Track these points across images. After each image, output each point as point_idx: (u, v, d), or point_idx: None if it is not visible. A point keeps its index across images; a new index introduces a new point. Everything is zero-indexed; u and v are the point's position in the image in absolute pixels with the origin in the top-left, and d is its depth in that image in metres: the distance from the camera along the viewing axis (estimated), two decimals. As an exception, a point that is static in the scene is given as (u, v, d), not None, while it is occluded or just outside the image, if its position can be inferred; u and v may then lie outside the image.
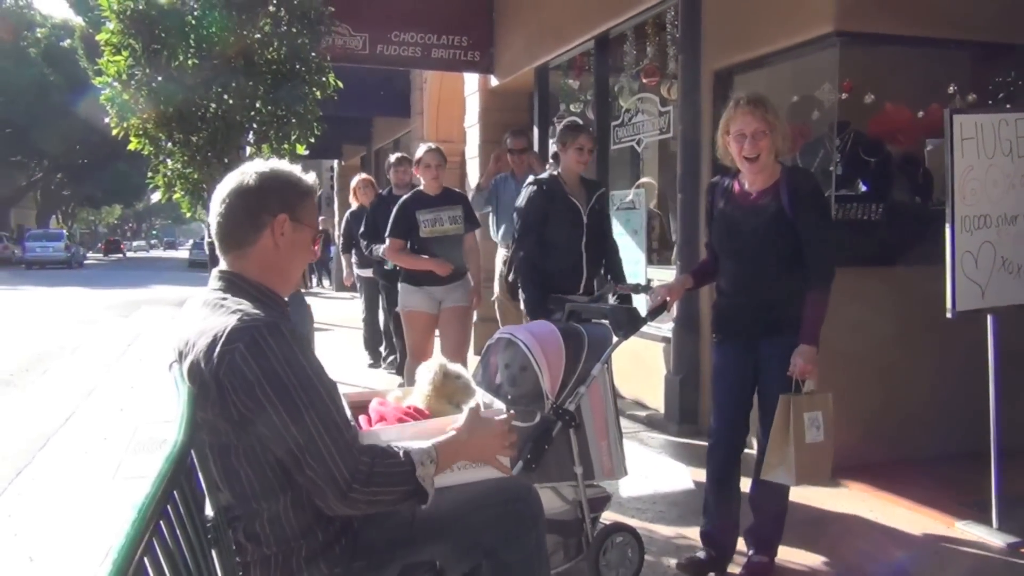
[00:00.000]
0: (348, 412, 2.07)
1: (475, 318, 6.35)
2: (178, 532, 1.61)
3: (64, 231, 44.59)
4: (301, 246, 2.14)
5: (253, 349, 1.86)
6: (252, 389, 1.85)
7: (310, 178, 2.18)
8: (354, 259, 8.71)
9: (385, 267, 6.62)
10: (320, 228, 2.28)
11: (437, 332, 5.87)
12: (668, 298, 3.71)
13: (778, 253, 3.43)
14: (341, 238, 8.45)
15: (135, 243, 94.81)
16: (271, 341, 1.88)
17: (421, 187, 5.80)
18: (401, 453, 1.95)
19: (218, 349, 1.87)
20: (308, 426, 1.85)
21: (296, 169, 2.17)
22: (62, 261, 37.23)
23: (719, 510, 3.65)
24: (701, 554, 3.68)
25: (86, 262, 44.72)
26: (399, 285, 5.82)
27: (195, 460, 1.88)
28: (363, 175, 8.67)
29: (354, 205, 8.67)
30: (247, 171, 2.11)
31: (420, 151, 5.79)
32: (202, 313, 2.02)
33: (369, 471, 1.87)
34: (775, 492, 3.54)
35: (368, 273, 8.19)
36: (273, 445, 1.88)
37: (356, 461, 1.87)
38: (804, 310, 3.37)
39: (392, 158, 7.07)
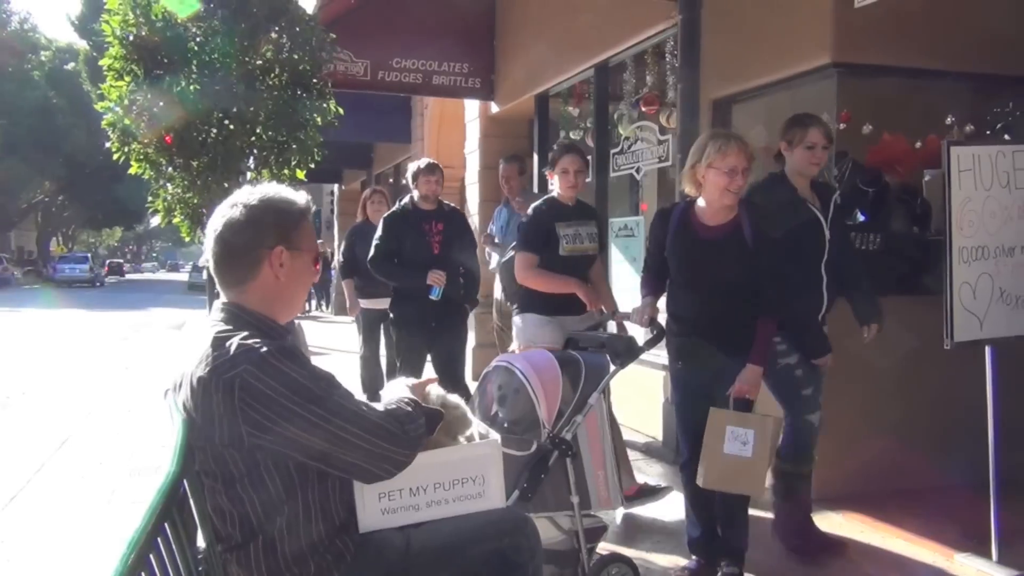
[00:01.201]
0: None
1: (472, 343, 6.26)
2: (168, 567, 1.60)
3: (88, 254, 51.58)
4: (303, 272, 2.13)
5: (262, 366, 1.88)
6: (273, 401, 1.86)
7: (302, 198, 2.15)
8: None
9: (431, 295, 5.54)
10: (319, 251, 2.28)
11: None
12: (653, 316, 3.79)
13: (738, 283, 3.58)
14: (341, 260, 7.28)
15: (145, 264, 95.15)
16: (278, 354, 1.92)
17: (555, 195, 4.71)
18: (405, 404, 2.10)
19: (227, 376, 1.88)
20: (349, 418, 1.94)
21: (287, 192, 2.14)
22: (87, 280, 42.84)
23: (699, 517, 3.83)
24: (692, 564, 3.87)
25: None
26: (520, 316, 4.77)
27: (188, 490, 1.87)
28: (376, 187, 7.53)
29: (359, 220, 7.48)
30: (237, 203, 2.08)
31: (558, 152, 4.72)
32: (203, 344, 2.01)
33: (404, 434, 2.01)
34: (732, 504, 3.70)
35: (374, 304, 7.01)
36: (326, 441, 1.92)
37: (393, 433, 2.00)
38: (756, 334, 3.55)
39: (421, 164, 5.84)
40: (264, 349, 1.91)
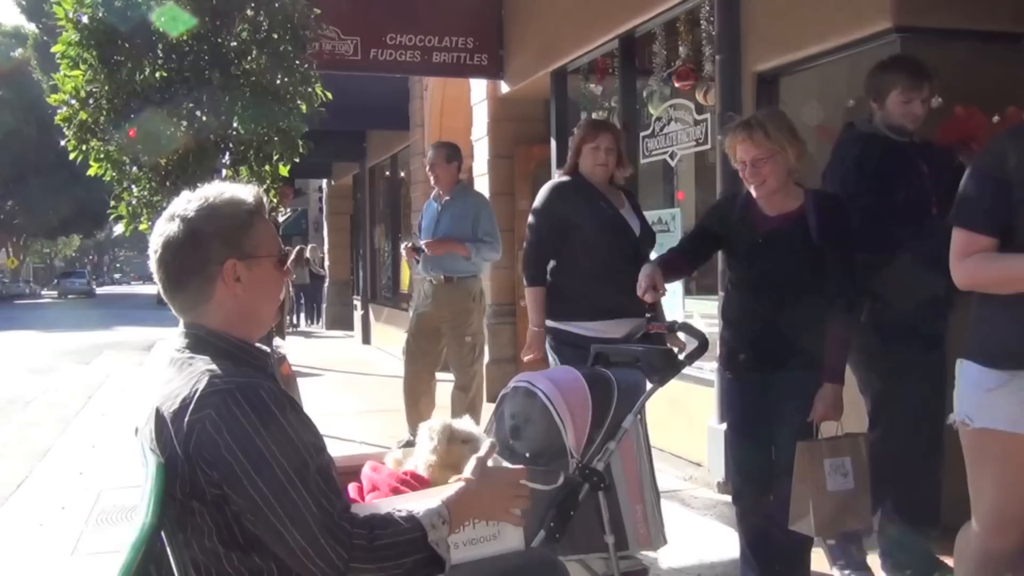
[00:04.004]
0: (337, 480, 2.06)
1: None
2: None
3: (86, 270, 69.72)
4: (265, 282, 2.12)
5: (226, 416, 1.86)
6: (225, 462, 1.84)
7: (250, 194, 2.12)
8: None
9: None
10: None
11: None
12: (658, 289, 3.70)
13: (798, 281, 3.60)
14: (530, 249, 4.69)
15: (116, 276, 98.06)
16: (246, 406, 1.87)
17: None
18: (405, 518, 1.94)
19: (187, 418, 1.87)
20: (294, 501, 1.84)
21: (231, 191, 2.11)
22: (85, 292, 56.07)
23: (756, 558, 3.80)
24: None
25: (42, 300, 52.67)
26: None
27: (167, 543, 1.87)
28: (602, 121, 5.06)
29: (560, 176, 4.77)
30: (174, 215, 2.07)
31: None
32: (168, 374, 2.02)
33: (369, 545, 1.87)
34: (796, 543, 3.68)
35: (605, 329, 4.47)
36: (254, 525, 1.88)
37: (350, 536, 1.87)
38: (827, 345, 3.55)
39: (900, 66, 4.18)
40: (236, 395, 1.88)
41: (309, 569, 1.85)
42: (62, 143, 7.04)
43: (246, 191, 2.12)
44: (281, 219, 23.84)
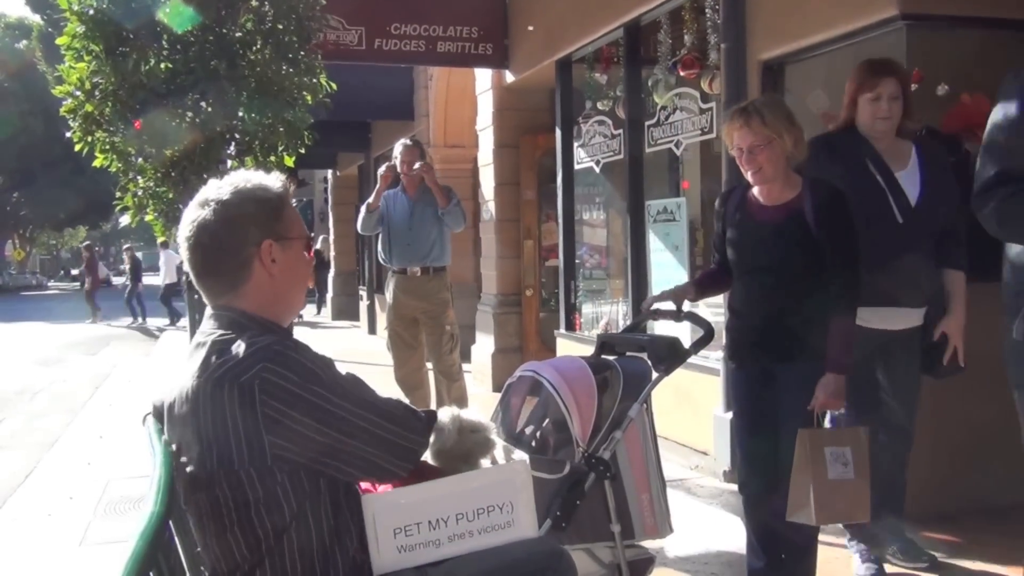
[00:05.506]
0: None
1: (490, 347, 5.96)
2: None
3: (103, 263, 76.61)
4: (297, 263, 2.16)
5: (280, 361, 1.92)
6: (289, 392, 1.91)
7: (277, 182, 2.17)
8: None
9: None
10: (316, 247, 2.32)
11: None
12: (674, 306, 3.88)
13: (799, 272, 3.60)
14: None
15: (122, 267, 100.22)
16: (293, 353, 1.96)
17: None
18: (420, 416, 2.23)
19: (243, 379, 1.90)
20: (360, 403, 2.03)
21: (259, 177, 2.16)
22: (104, 281, 56.07)
23: (763, 546, 3.80)
24: None
25: (49, 291, 52.83)
26: None
27: (174, 532, 1.88)
28: None
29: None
30: (207, 201, 2.09)
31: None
32: (200, 355, 2.02)
33: (416, 419, 2.18)
34: (801, 532, 3.66)
35: (881, 321, 4.02)
36: (311, 444, 1.95)
37: (405, 417, 2.13)
38: (829, 335, 3.53)
39: None
40: (285, 343, 1.97)
41: (402, 448, 2.10)
42: (67, 135, 7.05)
43: (272, 178, 2.17)
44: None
